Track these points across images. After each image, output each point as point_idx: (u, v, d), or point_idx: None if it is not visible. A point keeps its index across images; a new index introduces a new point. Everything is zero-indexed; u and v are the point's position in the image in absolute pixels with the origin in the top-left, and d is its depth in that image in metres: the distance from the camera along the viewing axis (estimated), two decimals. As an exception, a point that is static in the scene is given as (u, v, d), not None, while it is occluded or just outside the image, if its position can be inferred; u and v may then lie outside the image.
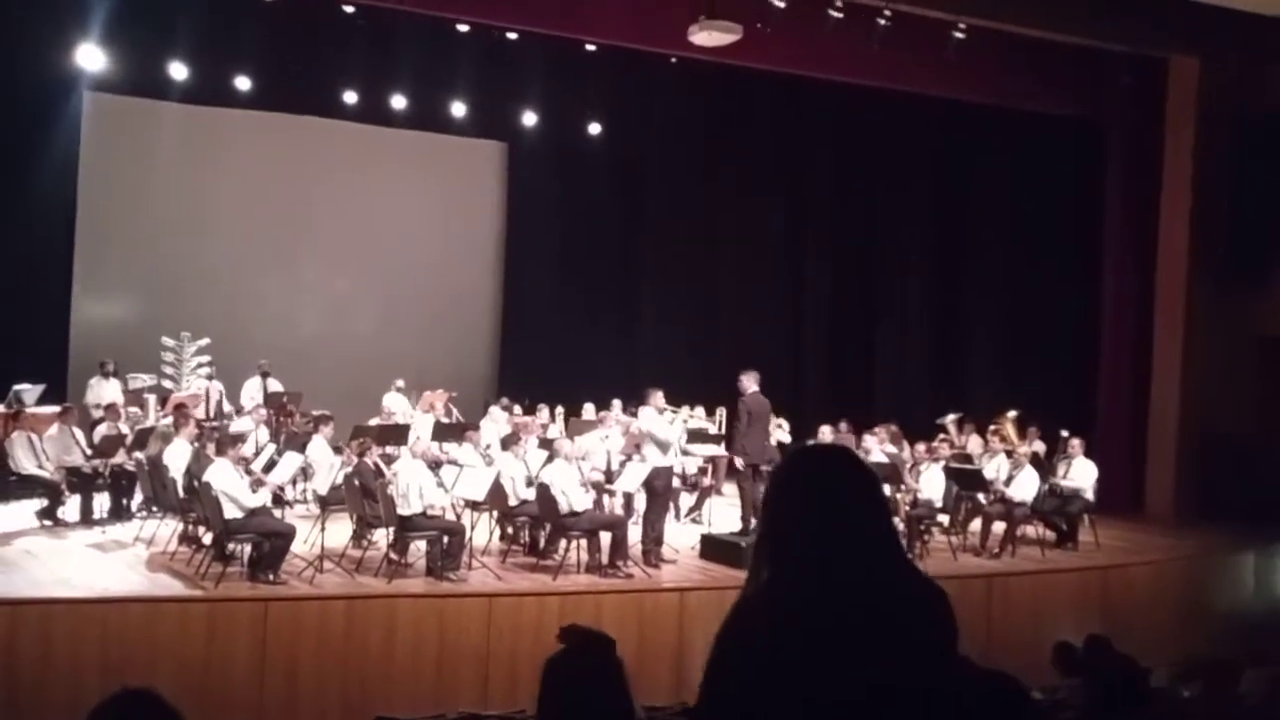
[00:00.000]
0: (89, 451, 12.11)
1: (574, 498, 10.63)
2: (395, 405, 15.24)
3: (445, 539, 10.20)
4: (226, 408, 14.83)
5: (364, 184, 18.08)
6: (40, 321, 15.17)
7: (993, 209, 17.81)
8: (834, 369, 18.49)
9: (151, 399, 14.38)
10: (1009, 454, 13.61)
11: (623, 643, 3.13)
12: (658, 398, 12.06)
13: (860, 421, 14.85)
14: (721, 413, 15.31)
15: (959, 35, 13.47)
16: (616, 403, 15.07)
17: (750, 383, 11.99)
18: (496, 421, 14.48)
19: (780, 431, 14.89)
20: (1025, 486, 12.67)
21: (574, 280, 18.65)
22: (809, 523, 2.61)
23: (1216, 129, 15.20)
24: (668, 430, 11.78)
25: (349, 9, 14.00)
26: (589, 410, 14.78)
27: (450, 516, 10.71)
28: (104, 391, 14.00)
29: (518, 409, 15.07)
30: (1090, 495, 13.16)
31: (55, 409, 12.87)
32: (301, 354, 16.62)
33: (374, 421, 13.89)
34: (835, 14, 12.82)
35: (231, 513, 9.63)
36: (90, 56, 14.84)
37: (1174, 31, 14.42)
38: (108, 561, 10.40)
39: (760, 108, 17.71)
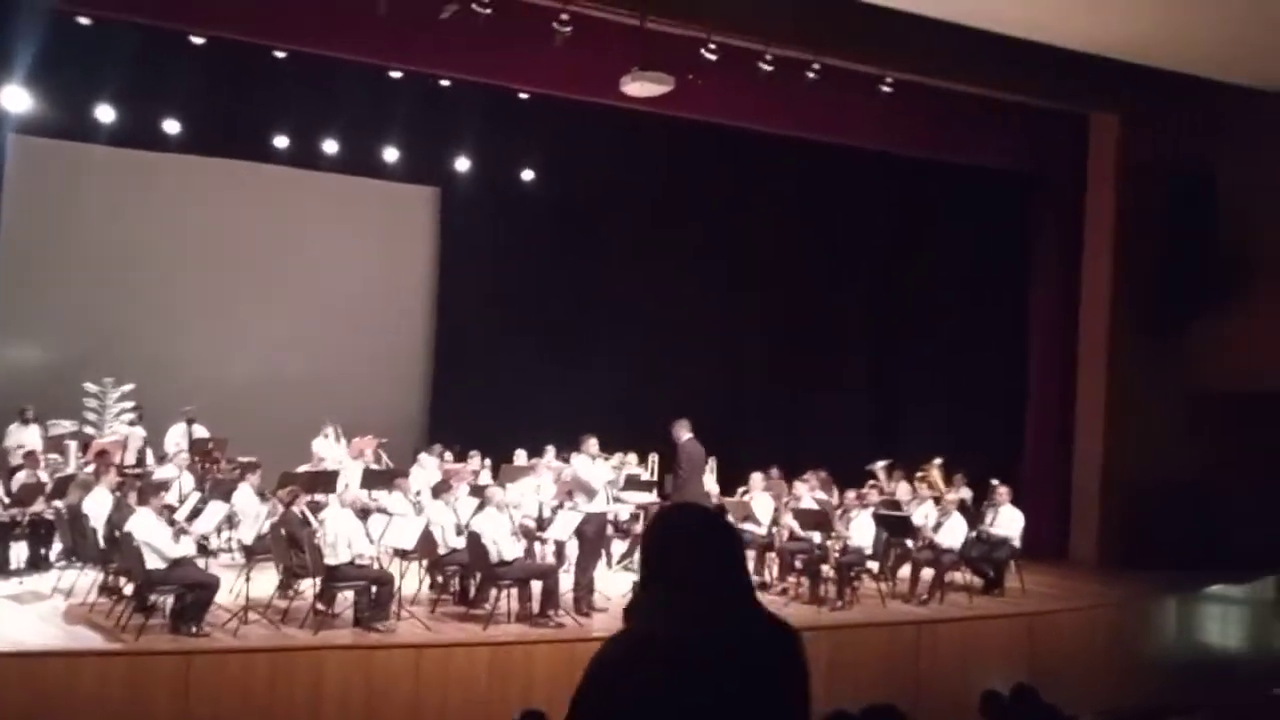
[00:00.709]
0: (6, 500, 11.82)
1: (505, 546, 10.56)
2: (324, 451, 15.06)
3: (373, 589, 10.08)
4: (149, 455, 14.57)
5: (296, 228, 17.95)
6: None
7: (926, 259, 18.06)
8: (768, 415, 18.57)
9: (73, 446, 14.08)
10: (936, 500, 13.75)
11: (553, 693, 3.16)
12: (591, 444, 12.05)
13: (793, 467, 14.92)
14: (654, 459, 15.34)
15: (887, 89, 13.72)
16: (550, 449, 15.05)
17: (683, 431, 12.04)
18: (427, 468, 14.39)
19: (708, 476, 14.94)
20: (953, 533, 12.81)
21: (507, 326, 18.60)
22: (669, 572, 3.00)
23: (1137, 182, 15.59)
24: (597, 477, 11.75)
25: (280, 54, 13.91)
26: (521, 457, 14.71)
27: (379, 566, 10.59)
28: (23, 438, 13.70)
29: (449, 456, 14.98)
30: (1017, 542, 13.33)
31: (-28, 456, 12.58)
32: (230, 399, 16.38)
33: (303, 468, 13.73)
34: (765, 66, 13.00)
35: (154, 563, 9.45)
36: (15, 98, 14.61)
37: (1094, 88, 14.79)
38: (23, 613, 10.14)
39: (696, 155, 17.83)
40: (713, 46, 12.66)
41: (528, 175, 18.64)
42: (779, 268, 19.03)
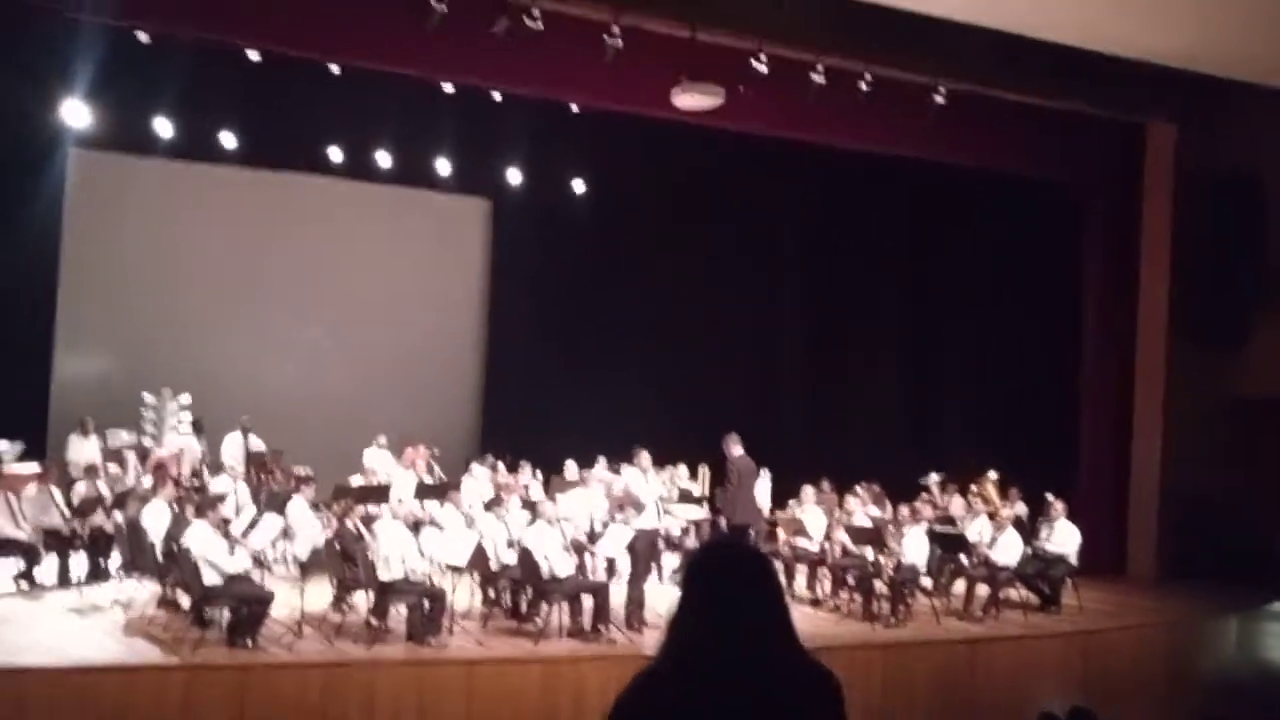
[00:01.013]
0: (67, 513, 12.00)
1: (556, 562, 10.57)
2: (377, 462, 15.15)
3: (426, 604, 10.11)
4: (205, 467, 14.75)
5: (349, 239, 18.12)
6: (21, 378, 15.04)
7: (973, 269, 17.89)
8: (814, 427, 18.48)
9: (132, 457, 14.29)
10: (991, 516, 13.61)
11: (604, 710, 3.18)
12: (643, 458, 12.04)
13: (841, 480, 14.83)
14: (704, 472, 15.31)
15: (939, 100, 13.60)
16: (601, 460, 15.06)
17: (735, 445, 11.99)
18: (479, 479, 14.44)
19: (761, 492, 14.89)
20: (1008, 550, 12.66)
21: (557, 336, 18.65)
22: (704, 610, 2.98)
23: (1194, 191, 15.37)
24: (648, 492, 11.73)
25: (334, 69, 14.05)
26: (571, 469, 14.69)
27: (431, 580, 10.63)
28: (82, 450, 13.91)
29: (500, 466, 15.02)
30: (1073, 558, 13.15)
31: (34, 468, 12.78)
32: (284, 409, 16.55)
33: (356, 480, 13.83)
34: (817, 78, 12.93)
35: (210, 578, 9.54)
36: (76, 113, 14.88)
37: (1150, 97, 14.58)
38: (84, 626, 10.27)
39: (742, 167, 17.80)
40: (763, 58, 12.62)
41: (579, 186, 18.68)
42: (825, 279, 18.95)
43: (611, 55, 12.06)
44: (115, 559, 11.89)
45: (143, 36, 13.30)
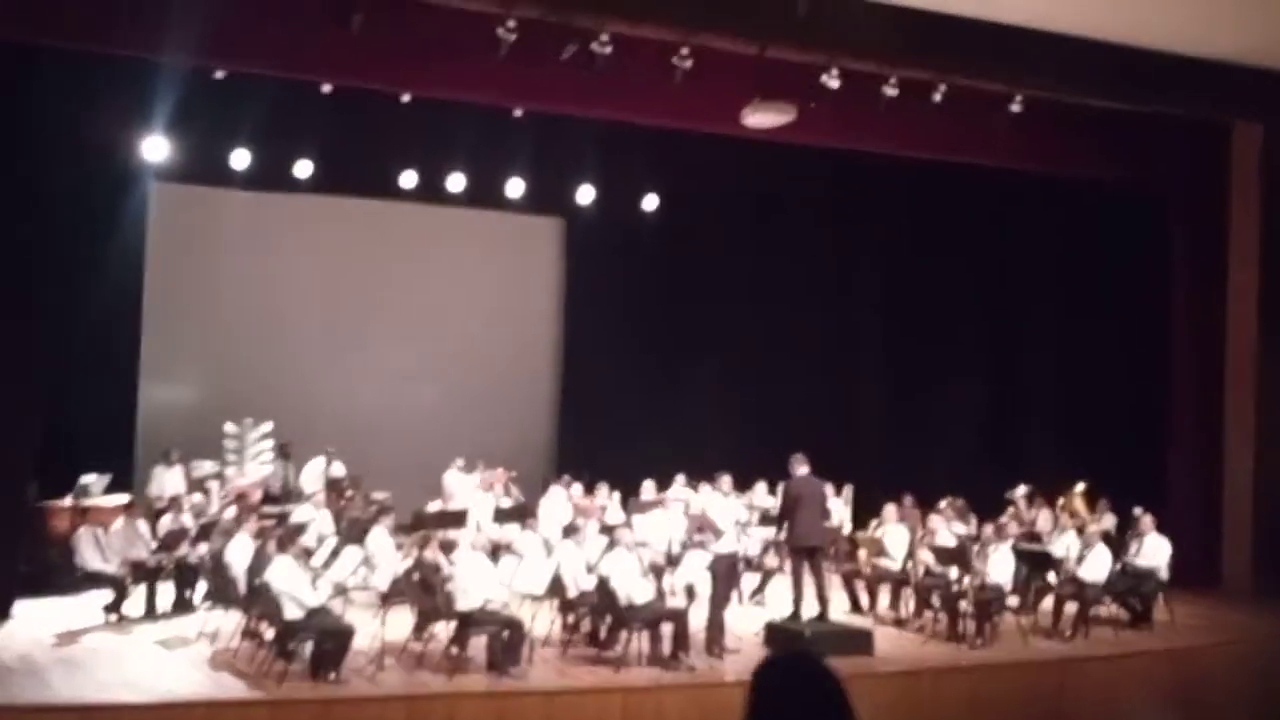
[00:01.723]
0: (153, 545, 12.20)
1: (634, 589, 10.52)
2: (455, 485, 15.24)
3: (506, 634, 10.12)
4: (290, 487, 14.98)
5: (423, 263, 18.26)
6: (107, 411, 15.32)
7: (1056, 277, 17.57)
8: (896, 442, 18.23)
9: (215, 486, 14.50)
10: (1079, 530, 13.31)
11: None
12: (724, 481, 11.95)
13: (922, 495, 14.61)
14: (782, 489, 15.15)
15: (1015, 108, 13.35)
16: (679, 478, 14.99)
17: (798, 466, 11.79)
18: (557, 501, 14.45)
19: (840, 505, 14.71)
20: (1097, 567, 12.37)
21: (633, 355, 18.62)
22: None
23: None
24: (728, 516, 11.63)
25: (405, 98, 14.17)
26: (649, 488, 14.64)
27: (513, 606, 10.64)
28: (166, 481, 14.13)
29: (577, 487, 15.00)
30: (1164, 573, 12.83)
31: (121, 500, 13.02)
32: (362, 434, 16.69)
33: (434, 505, 13.90)
34: (890, 91, 12.75)
35: (292, 612, 9.63)
36: (156, 148, 15.17)
37: (1236, 97, 14.19)
38: (171, 659, 10.43)
39: (814, 180, 17.66)
40: (834, 73, 12.47)
41: (651, 203, 18.65)
42: (900, 293, 18.71)
43: (680, 77, 12.00)
44: (200, 590, 12.07)
45: (219, 74, 13.51)
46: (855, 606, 13.16)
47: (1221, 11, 12.16)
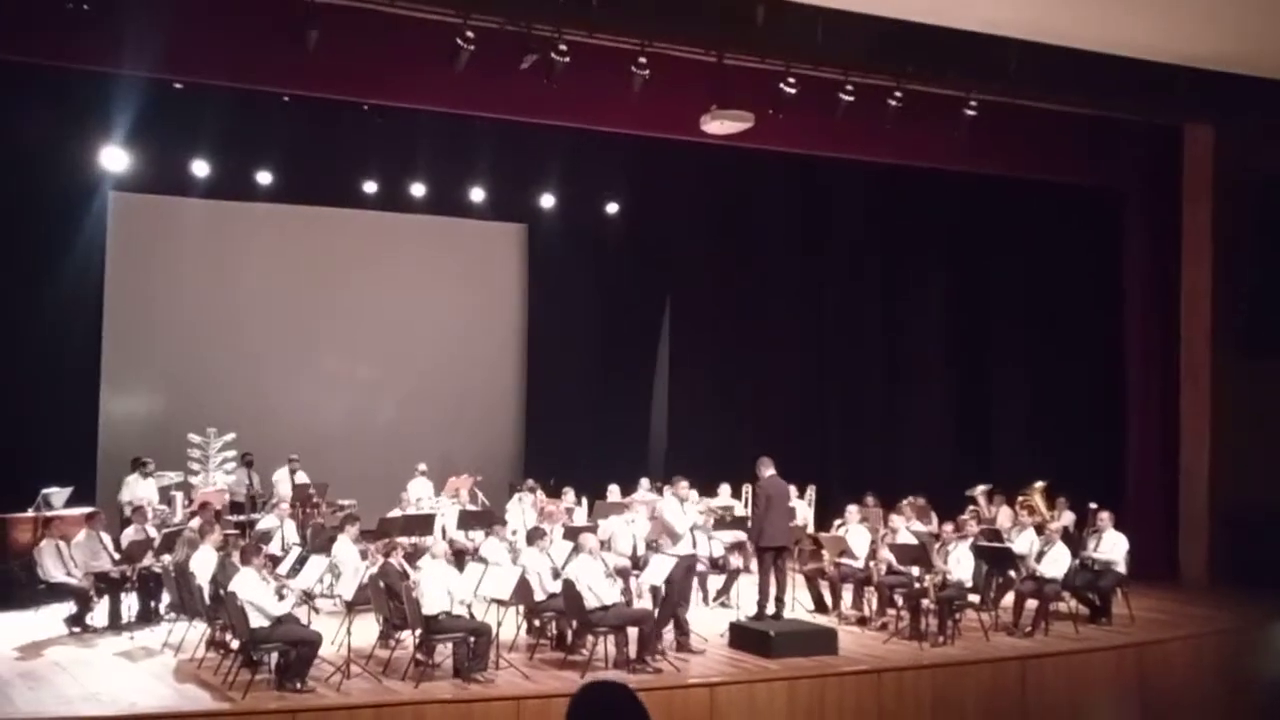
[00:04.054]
0: (116, 557, 12.14)
1: (600, 591, 10.57)
2: (420, 491, 15.27)
3: (472, 639, 10.15)
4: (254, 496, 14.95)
5: (385, 270, 18.27)
6: (69, 422, 15.28)
7: (1013, 279, 17.75)
8: (860, 441, 18.40)
9: (179, 496, 14.46)
10: (1039, 528, 13.47)
11: None
12: (681, 487, 12.04)
13: (886, 494, 14.77)
14: (748, 491, 15.27)
15: (970, 112, 13.52)
16: (644, 481, 15.09)
17: (765, 468, 11.90)
18: (523, 505, 14.49)
19: (804, 506, 14.84)
20: (1056, 563, 12.52)
21: (597, 359, 18.70)
22: None
23: (1234, 194, 15.17)
24: (684, 521, 11.75)
25: (366, 106, 14.18)
26: (614, 492, 14.74)
27: (479, 611, 10.67)
28: (139, 491, 14.05)
29: (540, 493, 15.05)
30: (1122, 568, 13.00)
31: (83, 511, 12.95)
32: (327, 442, 16.70)
33: (398, 512, 13.91)
34: (846, 97, 12.89)
35: (257, 621, 9.63)
36: (114, 158, 15.13)
37: (1186, 99, 14.40)
38: (136, 671, 10.39)
39: (778, 184, 17.80)
40: (791, 80, 12.59)
41: (612, 209, 18.72)
42: (864, 295, 18.88)
43: (639, 85, 12.08)
44: (165, 599, 12.03)
45: (177, 85, 13.48)
46: (819, 606, 13.28)
47: (1171, 17, 12.34)
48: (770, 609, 11.60)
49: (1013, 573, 12.82)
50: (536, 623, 11.59)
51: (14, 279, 14.56)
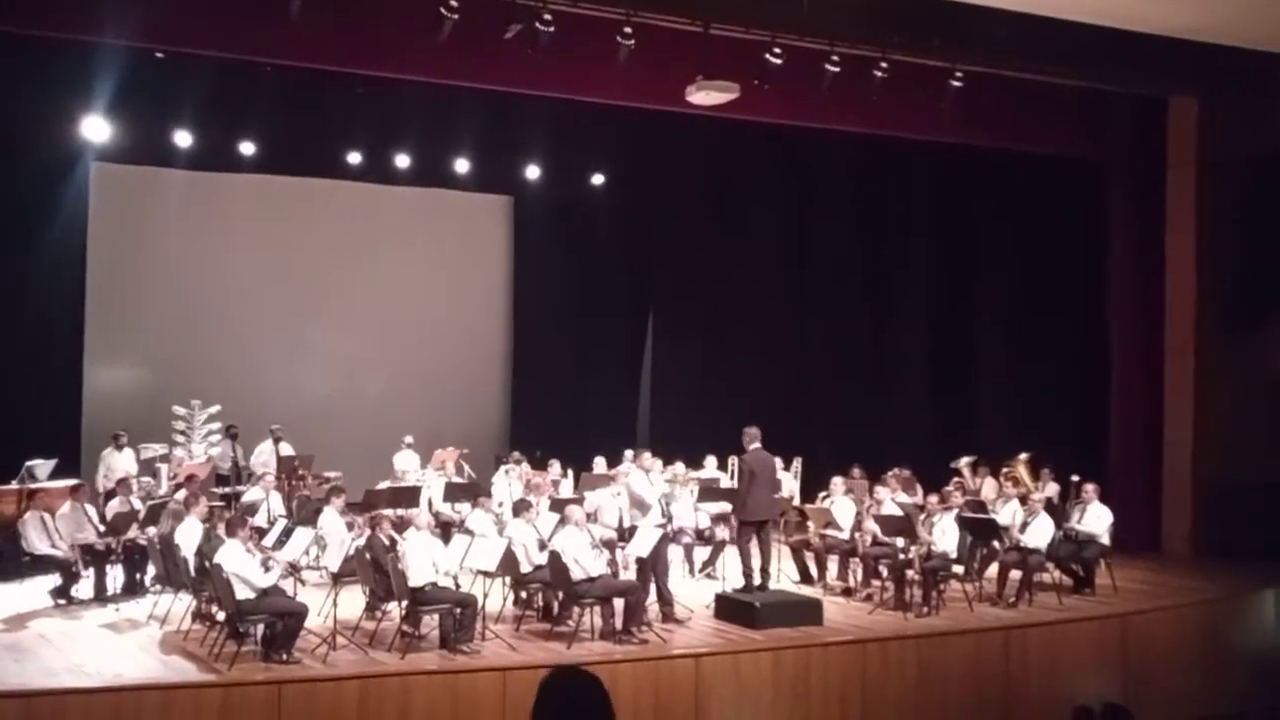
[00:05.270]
0: (101, 529, 12.12)
1: (586, 563, 10.59)
2: (406, 463, 15.27)
3: (458, 611, 10.17)
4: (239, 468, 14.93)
5: (370, 242, 18.21)
6: (52, 394, 15.24)
7: (998, 251, 17.75)
8: (844, 414, 18.43)
9: (164, 469, 14.43)
10: (1023, 499, 13.53)
11: (639, 713, 3.32)
12: (644, 458, 12.10)
13: (872, 467, 14.81)
14: (734, 463, 15.29)
15: (956, 83, 13.50)
16: (628, 453, 15.09)
17: (750, 441, 11.89)
18: (509, 478, 14.49)
19: (789, 478, 14.88)
20: (1040, 533, 12.58)
21: (584, 330, 18.68)
22: None
23: (1219, 167, 15.18)
24: (650, 491, 11.77)
25: (351, 77, 14.08)
26: (600, 464, 14.74)
27: (465, 583, 10.69)
28: (116, 463, 14.03)
29: (526, 465, 15.06)
30: (1106, 539, 13.06)
31: (68, 484, 12.92)
32: (313, 414, 16.67)
33: (385, 484, 13.91)
34: (832, 68, 12.86)
35: (243, 593, 9.63)
36: (96, 128, 15.02)
37: (1171, 71, 14.42)
38: (121, 643, 10.40)
39: (763, 156, 17.76)
40: (777, 50, 12.54)
41: (598, 180, 18.67)
42: (849, 266, 18.87)
43: (625, 55, 12.02)
44: (151, 571, 12.02)
45: (159, 54, 13.35)
46: (805, 577, 13.34)
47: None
48: (756, 580, 11.64)
49: (997, 544, 12.89)
50: (523, 594, 11.63)
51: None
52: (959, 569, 12.52)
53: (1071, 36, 13.27)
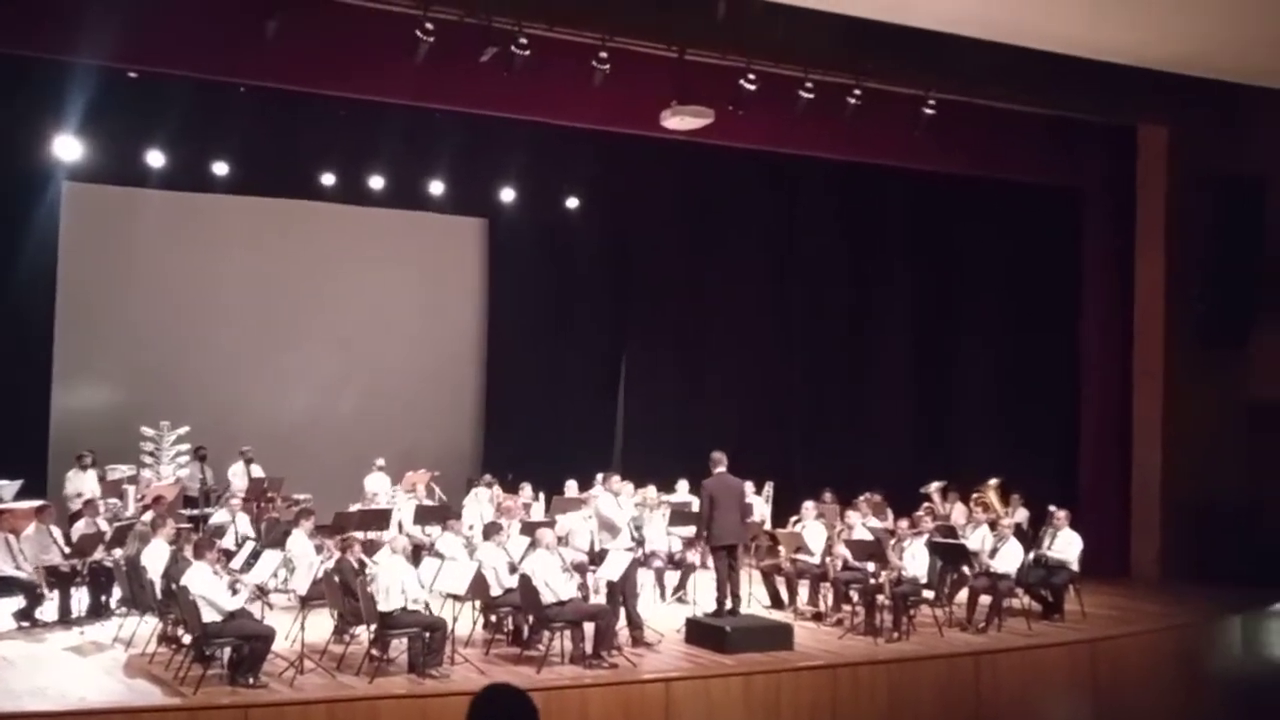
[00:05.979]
0: (67, 550, 12.00)
1: (557, 586, 10.55)
2: (377, 486, 15.20)
3: (427, 635, 10.10)
4: (210, 497, 14.80)
5: (345, 264, 18.15)
6: (19, 414, 15.07)
7: (974, 277, 17.85)
8: (819, 439, 18.45)
9: (131, 490, 14.30)
10: (993, 524, 13.57)
11: None
12: (614, 481, 12.08)
13: (845, 490, 14.83)
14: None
15: (929, 110, 13.60)
16: (599, 477, 15.03)
17: (716, 465, 11.85)
18: (480, 500, 14.45)
19: (761, 502, 14.88)
20: (1010, 559, 12.62)
21: (558, 353, 18.66)
22: None
23: (1188, 192, 15.36)
24: (619, 515, 11.75)
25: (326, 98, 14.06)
26: (571, 488, 14.70)
27: (435, 606, 10.62)
28: (81, 484, 13.90)
29: (497, 489, 15.01)
30: (1075, 565, 13.12)
31: (33, 504, 12.78)
32: (284, 436, 16.58)
33: (356, 507, 13.83)
34: (806, 95, 12.93)
35: (210, 616, 9.53)
36: (67, 147, 14.93)
37: (1141, 100, 14.59)
38: (86, 666, 10.28)
39: (740, 181, 17.82)
40: (752, 76, 12.61)
41: (573, 203, 18.69)
42: (827, 291, 18.93)
43: (600, 79, 12.07)
44: (116, 593, 11.90)
45: (132, 74, 13.31)
46: (775, 601, 13.32)
47: (1127, 19, 12.48)
48: (728, 604, 11.61)
49: (966, 569, 12.92)
50: (493, 618, 11.55)
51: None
52: (929, 594, 12.55)
53: (1043, 66, 13.41)
